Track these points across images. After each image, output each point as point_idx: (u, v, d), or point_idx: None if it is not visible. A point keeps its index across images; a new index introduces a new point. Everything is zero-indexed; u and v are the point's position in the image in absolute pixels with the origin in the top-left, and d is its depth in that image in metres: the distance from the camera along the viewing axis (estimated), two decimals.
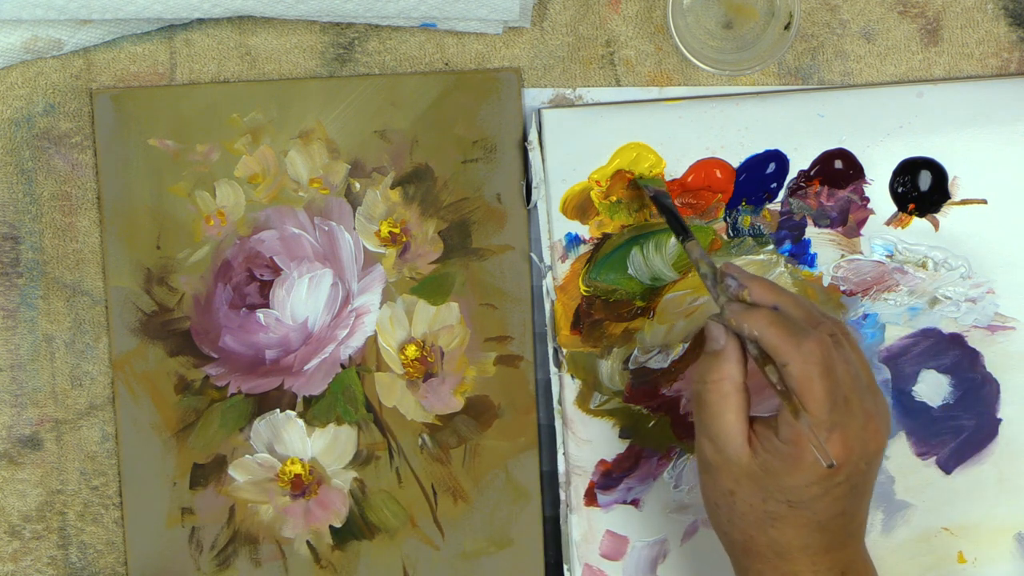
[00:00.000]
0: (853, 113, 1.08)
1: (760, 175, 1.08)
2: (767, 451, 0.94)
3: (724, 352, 0.95)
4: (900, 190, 1.09)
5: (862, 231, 1.09)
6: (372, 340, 1.08)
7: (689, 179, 1.08)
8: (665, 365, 1.09)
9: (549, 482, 1.10)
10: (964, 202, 1.09)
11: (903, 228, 1.09)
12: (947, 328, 1.10)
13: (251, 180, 1.07)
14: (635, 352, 1.09)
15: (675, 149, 1.08)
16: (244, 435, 1.08)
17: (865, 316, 1.09)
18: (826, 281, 1.09)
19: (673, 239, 1.07)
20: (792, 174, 1.08)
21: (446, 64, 1.08)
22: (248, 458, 1.08)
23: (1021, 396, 1.10)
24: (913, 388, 1.10)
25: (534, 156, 1.07)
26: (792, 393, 0.93)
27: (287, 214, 1.08)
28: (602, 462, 1.09)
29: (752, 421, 0.95)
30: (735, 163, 1.08)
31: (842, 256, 1.09)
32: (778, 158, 1.08)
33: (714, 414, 0.95)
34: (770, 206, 1.09)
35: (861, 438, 0.94)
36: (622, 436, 1.09)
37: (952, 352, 1.10)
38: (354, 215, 1.08)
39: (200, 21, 1.07)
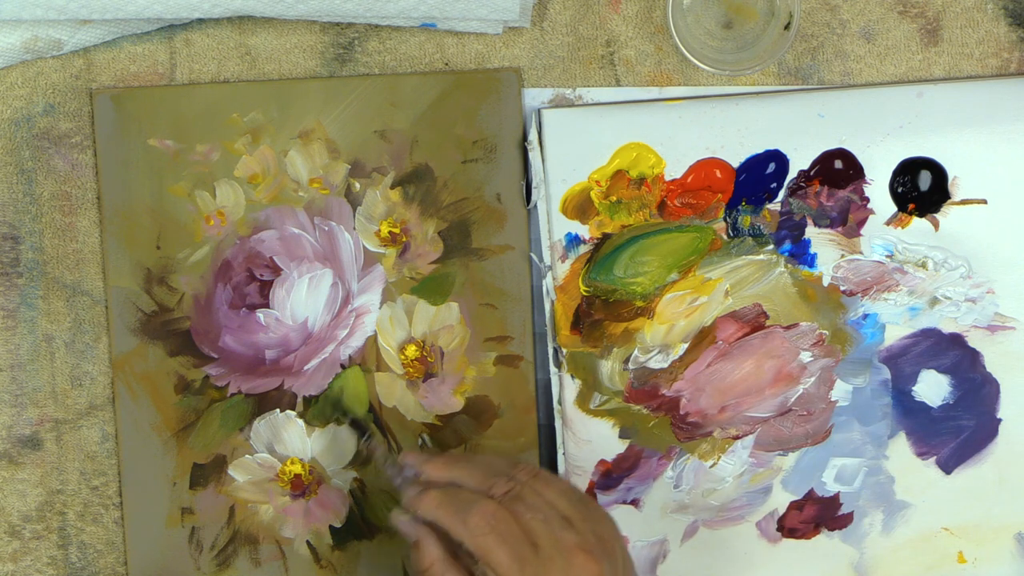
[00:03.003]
0: (853, 113, 1.08)
1: (760, 175, 1.08)
2: None
3: (420, 541, 0.96)
4: (900, 190, 1.09)
5: (862, 231, 1.09)
6: (372, 340, 1.08)
7: (689, 179, 1.08)
8: (665, 365, 1.09)
9: None
10: (964, 202, 1.09)
11: (903, 228, 1.09)
12: (947, 328, 1.10)
13: (251, 180, 1.08)
14: (635, 352, 1.09)
15: (675, 149, 1.08)
16: (244, 435, 1.08)
17: (865, 316, 1.09)
18: (826, 281, 1.09)
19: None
20: (792, 174, 1.08)
21: (446, 64, 1.08)
22: (248, 458, 1.08)
23: (1021, 396, 1.10)
24: (913, 388, 1.10)
25: (534, 156, 1.07)
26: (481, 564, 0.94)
27: (287, 214, 1.08)
28: (602, 462, 1.09)
29: None
30: (735, 163, 1.08)
31: (842, 256, 1.09)
32: (778, 158, 1.08)
33: None
34: (770, 206, 1.09)
35: None
36: (622, 436, 1.09)
37: (952, 352, 1.10)
38: (354, 215, 1.08)
39: (200, 21, 1.07)
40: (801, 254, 1.09)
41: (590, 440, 1.09)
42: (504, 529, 0.93)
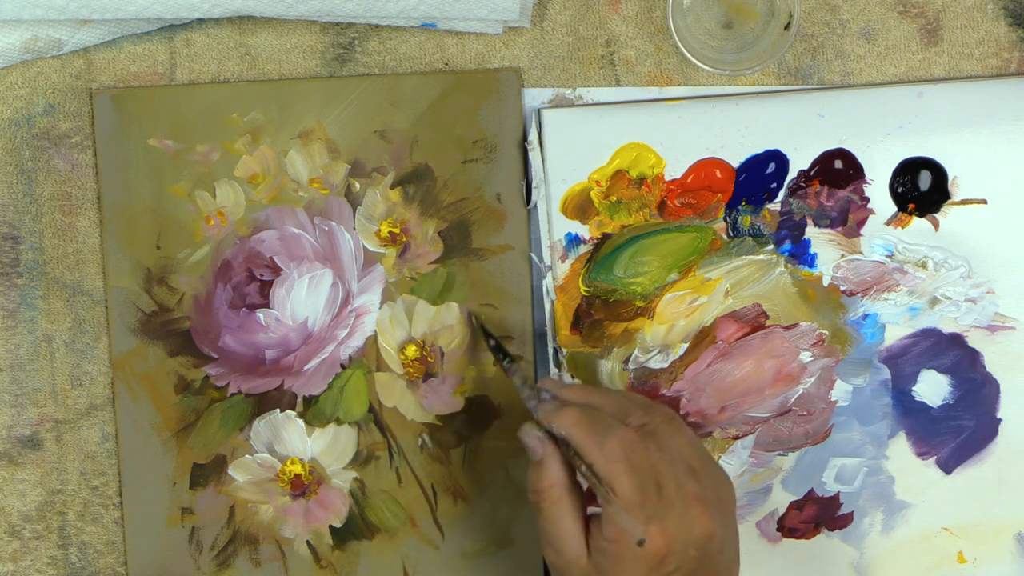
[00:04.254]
0: (853, 113, 1.08)
1: (760, 175, 1.08)
2: (597, 551, 0.94)
3: (544, 460, 0.96)
4: (900, 190, 1.09)
5: (862, 231, 1.09)
6: (372, 340, 1.08)
7: (689, 179, 1.08)
8: (665, 365, 1.09)
9: None
10: (964, 202, 1.09)
11: (903, 228, 1.09)
12: (947, 328, 1.10)
13: (251, 180, 1.08)
14: (635, 352, 1.09)
15: (675, 149, 1.08)
16: (244, 435, 1.08)
17: (865, 316, 1.09)
18: (826, 281, 1.09)
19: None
20: (792, 174, 1.08)
21: (446, 64, 1.08)
22: (248, 458, 1.08)
23: (1021, 396, 1.10)
24: (913, 388, 1.10)
25: (534, 156, 1.07)
26: (604, 489, 0.94)
27: (287, 214, 1.08)
28: None
29: (589, 520, 0.95)
30: (735, 163, 1.08)
31: (842, 256, 1.09)
32: (778, 158, 1.08)
33: (549, 520, 0.95)
34: (770, 206, 1.09)
35: (683, 525, 0.93)
36: None
37: (952, 352, 1.10)
38: (354, 215, 1.08)
39: (200, 21, 1.07)
40: (801, 254, 1.09)
41: None
42: (636, 460, 0.93)
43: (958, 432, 1.10)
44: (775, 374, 1.09)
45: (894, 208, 1.09)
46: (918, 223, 1.09)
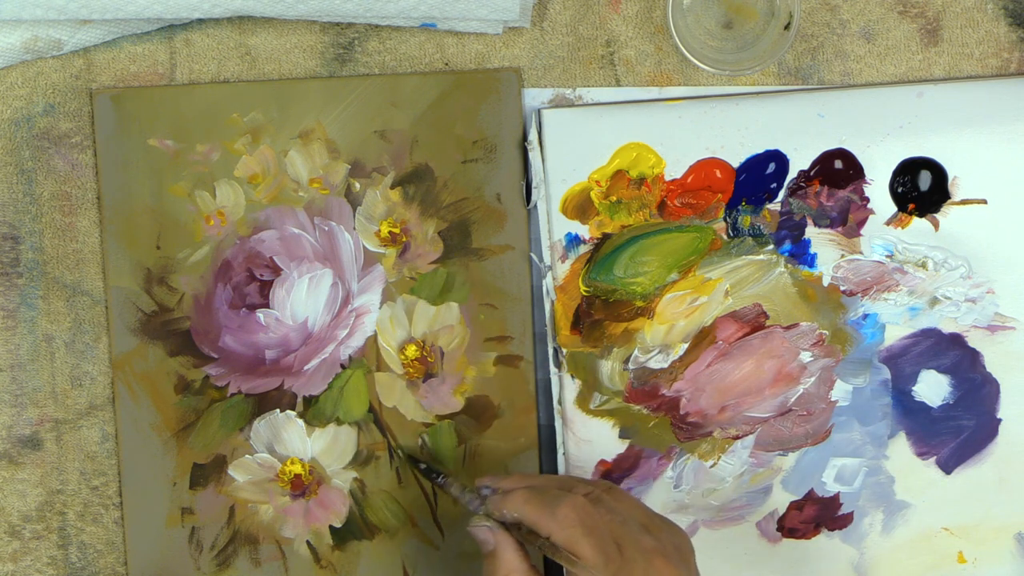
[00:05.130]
0: (853, 113, 1.08)
1: (760, 175, 1.08)
2: None
3: (497, 550, 0.96)
4: (900, 190, 1.09)
5: (862, 231, 1.09)
6: (372, 340, 1.08)
7: (689, 179, 1.08)
8: (665, 365, 1.09)
9: None
10: (964, 202, 1.09)
11: (903, 228, 1.09)
12: (947, 328, 1.10)
13: (251, 180, 1.08)
14: (635, 352, 1.09)
15: (675, 149, 1.08)
16: (244, 435, 1.08)
17: (865, 316, 1.09)
18: (826, 281, 1.09)
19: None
20: (792, 174, 1.08)
21: (446, 64, 1.08)
22: (248, 458, 1.08)
23: (1021, 396, 1.10)
24: (913, 388, 1.10)
25: (534, 156, 1.07)
26: (567, 556, 0.94)
27: (287, 214, 1.08)
28: (602, 462, 1.09)
29: None
30: (735, 163, 1.08)
31: (842, 256, 1.09)
32: (778, 158, 1.08)
33: None
34: (770, 206, 1.09)
35: None
36: (622, 436, 1.09)
37: (952, 352, 1.10)
38: (354, 215, 1.08)
39: (200, 21, 1.07)
40: (801, 254, 1.09)
41: (590, 440, 1.09)
42: (592, 523, 0.94)
43: (958, 432, 1.10)
44: (775, 374, 1.09)
45: (894, 208, 1.09)
46: (918, 223, 1.09)
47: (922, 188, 1.09)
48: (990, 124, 1.08)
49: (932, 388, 1.10)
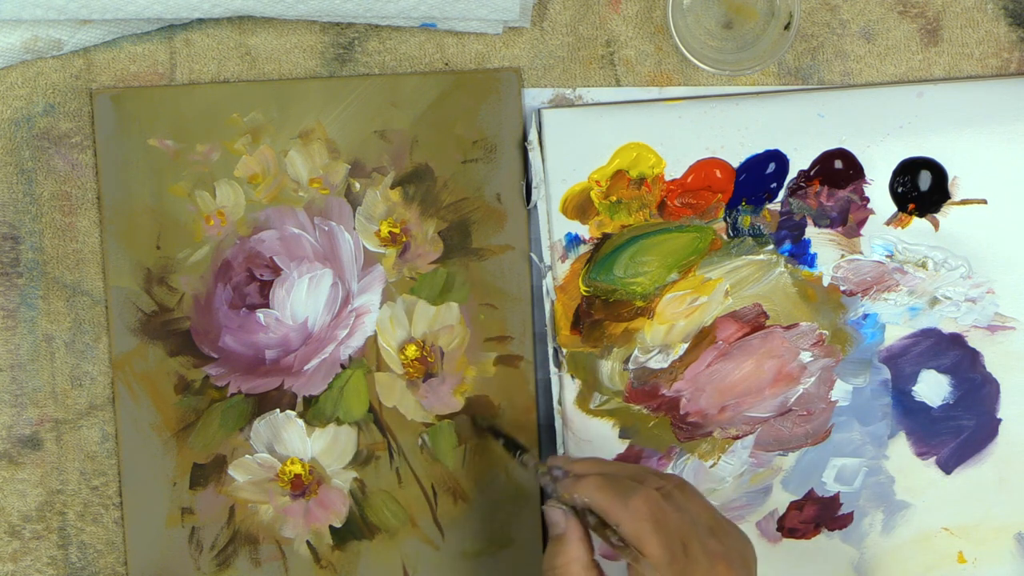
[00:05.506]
0: (853, 113, 1.08)
1: (760, 175, 1.08)
2: None
3: (566, 535, 0.96)
4: (900, 190, 1.09)
5: (862, 231, 1.09)
6: (372, 340, 1.08)
7: (689, 179, 1.08)
8: (665, 365, 1.09)
9: None
10: (964, 202, 1.09)
11: (903, 228, 1.09)
12: (947, 328, 1.10)
13: (251, 180, 1.08)
14: (635, 352, 1.09)
15: (675, 149, 1.08)
16: (244, 435, 1.08)
17: (865, 316, 1.09)
18: (826, 281, 1.09)
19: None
20: (792, 174, 1.08)
21: (446, 64, 1.08)
22: (248, 458, 1.08)
23: (1021, 396, 1.10)
24: (913, 388, 1.10)
25: (534, 156, 1.07)
26: (632, 550, 0.94)
27: (287, 214, 1.08)
28: None
29: None
30: (735, 163, 1.08)
31: (842, 256, 1.09)
32: (778, 158, 1.08)
33: None
34: (770, 206, 1.09)
35: None
36: (622, 436, 1.09)
37: (952, 352, 1.10)
38: (354, 215, 1.08)
39: (200, 21, 1.07)
40: (801, 254, 1.09)
41: (590, 440, 1.09)
42: (662, 519, 0.93)
43: (958, 432, 1.10)
44: (775, 374, 1.09)
45: (894, 208, 1.09)
46: (918, 223, 1.09)
47: (922, 188, 1.09)
48: (990, 124, 1.08)
49: (932, 388, 1.10)
